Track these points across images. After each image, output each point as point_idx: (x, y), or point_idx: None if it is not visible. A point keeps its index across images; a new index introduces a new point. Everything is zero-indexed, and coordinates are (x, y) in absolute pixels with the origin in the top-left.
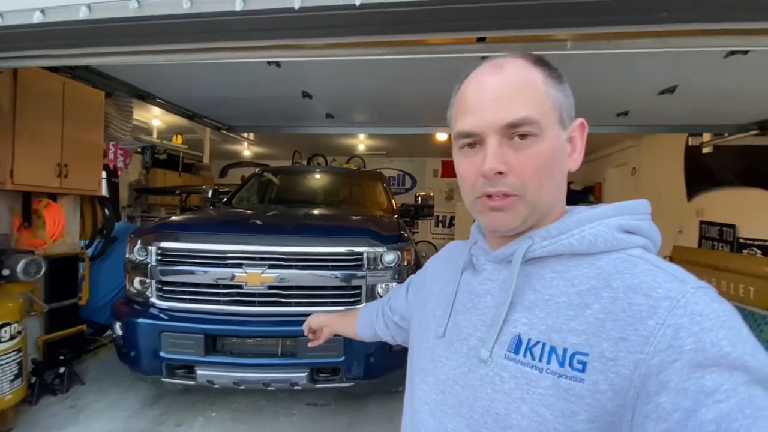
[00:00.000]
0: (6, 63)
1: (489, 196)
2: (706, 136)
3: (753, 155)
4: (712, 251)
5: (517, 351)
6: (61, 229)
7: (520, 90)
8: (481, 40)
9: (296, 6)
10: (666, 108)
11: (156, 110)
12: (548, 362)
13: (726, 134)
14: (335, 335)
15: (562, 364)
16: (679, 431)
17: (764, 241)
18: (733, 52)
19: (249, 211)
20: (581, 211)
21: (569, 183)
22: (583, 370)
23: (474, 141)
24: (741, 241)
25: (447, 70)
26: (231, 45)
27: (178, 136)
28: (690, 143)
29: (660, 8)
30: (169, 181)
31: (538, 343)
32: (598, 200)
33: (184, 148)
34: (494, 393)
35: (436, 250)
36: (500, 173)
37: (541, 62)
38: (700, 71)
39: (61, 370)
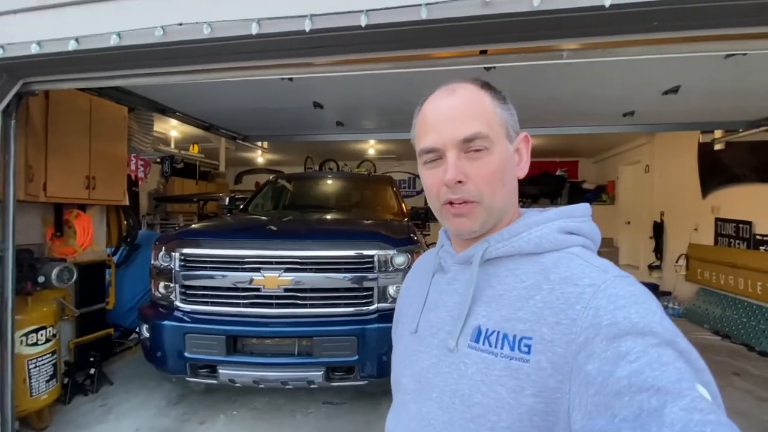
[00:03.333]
0: (43, 86)
1: (451, 204)
2: (717, 133)
3: (766, 152)
4: (729, 249)
5: (477, 340)
6: (90, 238)
7: (471, 110)
8: (483, 52)
9: (307, 29)
10: (672, 107)
11: (174, 122)
12: (501, 348)
13: (740, 130)
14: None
15: (512, 348)
16: (602, 390)
17: None
18: (730, 54)
19: (265, 218)
20: (531, 216)
21: (582, 182)
22: (528, 352)
23: (436, 156)
24: (758, 237)
25: (452, 77)
26: (248, 64)
27: (195, 145)
28: (701, 140)
29: (650, 19)
30: (186, 189)
31: (494, 332)
32: (612, 199)
33: (201, 157)
34: (460, 377)
35: None
36: (460, 182)
37: (487, 86)
38: (701, 72)
39: (92, 371)
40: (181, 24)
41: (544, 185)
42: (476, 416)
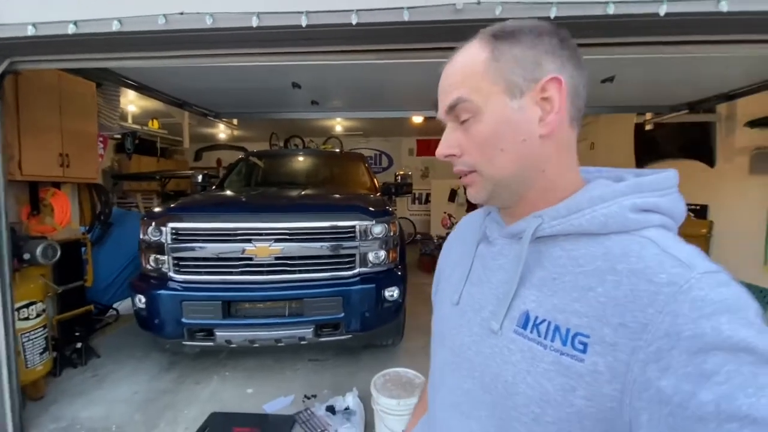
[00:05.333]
0: (31, 66)
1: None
2: (648, 115)
3: (689, 131)
4: None
5: (525, 327)
6: (68, 216)
7: (456, 74)
8: (446, 49)
9: (303, 24)
10: (609, 93)
11: (131, 96)
12: (552, 340)
13: (666, 114)
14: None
15: (564, 343)
16: (680, 413)
17: (696, 205)
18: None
19: (252, 192)
20: (598, 187)
21: None
22: (584, 351)
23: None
24: None
25: (428, 64)
26: (244, 51)
27: (154, 120)
28: (636, 121)
29: (584, 27)
30: (144, 167)
31: (544, 321)
32: None
33: (164, 133)
34: (503, 363)
35: (414, 226)
36: (453, 155)
37: (493, 37)
38: (631, 65)
39: (78, 345)
40: (182, 13)
41: None
42: (519, 405)
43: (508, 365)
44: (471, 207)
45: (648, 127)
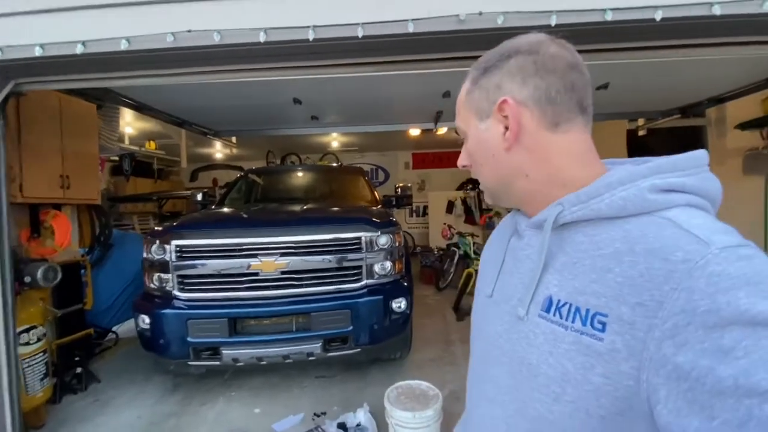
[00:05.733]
0: (36, 86)
1: None
2: (641, 121)
3: (681, 136)
4: None
5: (548, 310)
6: (69, 238)
7: (456, 106)
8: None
9: (310, 38)
10: (603, 100)
11: (128, 117)
12: (572, 321)
13: (658, 119)
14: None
15: (584, 323)
16: (698, 387)
17: None
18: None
19: (255, 208)
20: (618, 172)
21: None
22: (602, 330)
23: None
24: None
25: (432, 74)
26: (252, 67)
27: (151, 142)
28: (629, 127)
29: (580, 34)
30: (140, 188)
31: (565, 303)
32: None
33: (161, 154)
34: (528, 346)
35: (413, 239)
36: (466, 166)
37: (476, 70)
38: (625, 72)
39: (78, 370)
40: (190, 31)
41: None
42: (541, 386)
43: (532, 348)
44: (468, 218)
45: (641, 133)
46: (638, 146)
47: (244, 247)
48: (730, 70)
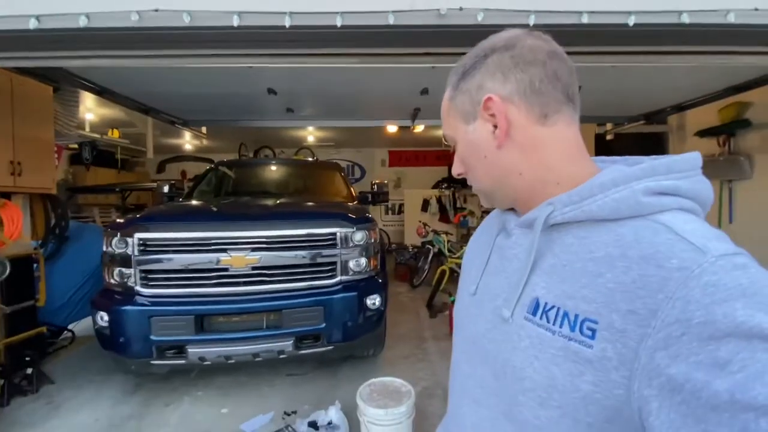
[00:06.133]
0: None
1: None
2: (608, 126)
3: (645, 141)
4: None
5: (534, 313)
6: (20, 229)
7: (442, 116)
8: (428, 54)
9: (287, 25)
10: None
11: (89, 103)
12: (560, 326)
13: (624, 124)
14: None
15: (573, 329)
16: (693, 401)
17: None
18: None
19: (225, 202)
20: (611, 172)
21: None
22: (592, 337)
23: None
24: None
25: (397, 70)
26: (225, 53)
27: (114, 130)
28: (597, 131)
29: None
30: (101, 179)
31: (553, 307)
32: None
33: (125, 143)
34: (512, 349)
35: (388, 237)
36: (461, 173)
37: (456, 77)
38: (597, 77)
39: (29, 371)
40: (157, 10)
41: None
42: (526, 390)
43: (517, 351)
44: (443, 216)
45: (609, 137)
46: (605, 151)
47: (213, 241)
48: (692, 79)
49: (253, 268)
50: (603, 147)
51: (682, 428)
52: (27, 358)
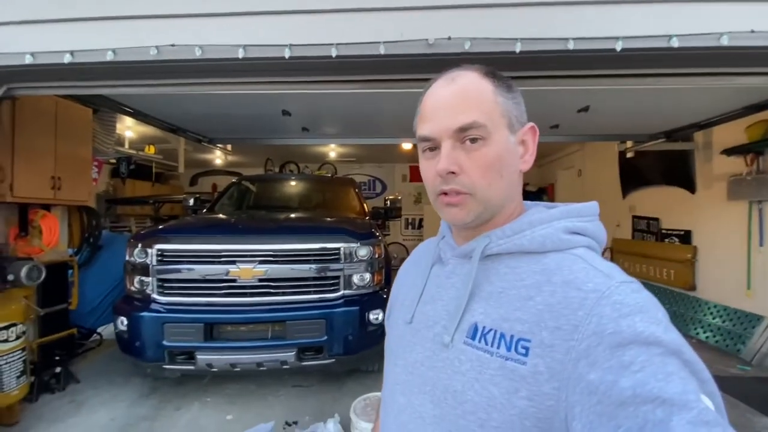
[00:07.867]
0: (27, 92)
1: (445, 194)
2: (629, 143)
3: (671, 159)
4: (642, 242)
5: (473, 337)
6: (57, 238)
7: (469, 98)
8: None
9: (286, 56)
10: (587, 122)
11: (129, 121)
12: (498, 347)
13: (646, 142)
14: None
15: (509, 349)
16: (605, 400)
17: (680, 231)
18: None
19: (240, 215)
20: (536, 212)
21: (525, 184)
22: (526, 354)
23: (433, 145)
24: (663, 231)
25: (406, 93)
26: (232, 80)
27: (151, 146)
28: (619, 149)
29: (548, 61)
30: (138, 191)
31: (491, 330)
32: (551, 200)
33: (159, 158)
34: (453, 373)
35: (407, 251)
36: (452, 173)
37: (491, 74)
38: (605, 96)
39: (57, 370)
40: (173, 45)
41: None
42: (467, 413)
43: (458, 375)
44: None
45: (629, 155)
46: (630, 168)
47: (223, 253)
48: (704, 100)
49: (260, 280)
50: (627, 165)
51: (598, 427)
52: (57, 358)
